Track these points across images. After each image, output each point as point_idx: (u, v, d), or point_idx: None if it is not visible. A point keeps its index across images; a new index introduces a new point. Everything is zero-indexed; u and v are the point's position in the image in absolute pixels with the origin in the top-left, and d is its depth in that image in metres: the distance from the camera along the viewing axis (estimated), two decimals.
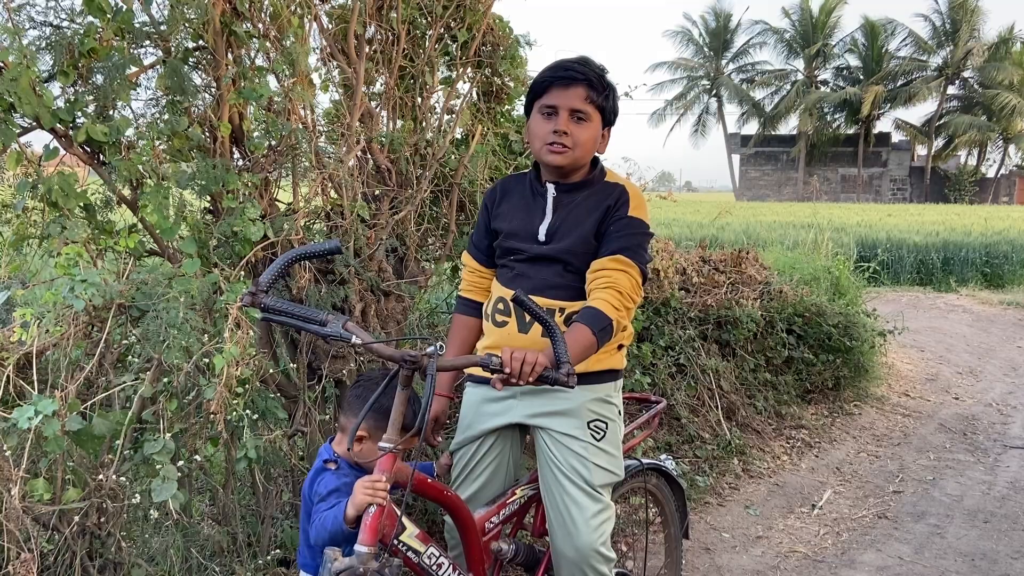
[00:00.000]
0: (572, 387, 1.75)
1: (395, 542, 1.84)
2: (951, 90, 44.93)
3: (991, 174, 46.05)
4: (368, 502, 1.73)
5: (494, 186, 2.34)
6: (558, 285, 2.12)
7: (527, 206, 2.20)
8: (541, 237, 2.14)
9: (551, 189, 2.17)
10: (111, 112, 2.36)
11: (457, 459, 2.31)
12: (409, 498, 1.89)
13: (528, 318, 2.11)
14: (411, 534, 1.90)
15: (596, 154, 2.19)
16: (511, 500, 2.27)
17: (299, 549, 2.07)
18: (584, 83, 2.07)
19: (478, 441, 2.26)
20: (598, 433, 2.16)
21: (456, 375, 2.38)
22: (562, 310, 2.11)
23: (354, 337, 1.72)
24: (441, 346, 1.76)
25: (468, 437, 2.27)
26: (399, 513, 1.82)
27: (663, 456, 2.84)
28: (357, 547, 1.70)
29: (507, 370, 1.73)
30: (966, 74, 44.48)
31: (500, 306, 2.20)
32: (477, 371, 2.24)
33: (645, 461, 2.64)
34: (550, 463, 2.16)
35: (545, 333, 1.78)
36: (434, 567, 1.94)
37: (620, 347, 2.23)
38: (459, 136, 3.52)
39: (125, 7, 2.28)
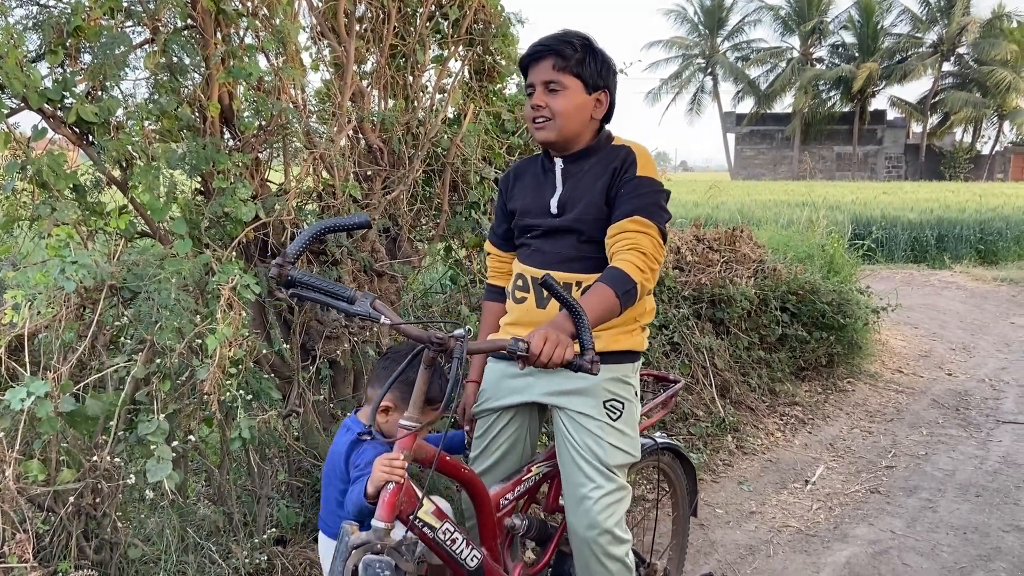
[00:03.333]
0: (596, 374, 1.72)
1: (410, 518, 1.85)
2: (946, 67, 44.76)
3: (986, 151, 46.00)
4: (385, 479, 1.75)
5: (507, 171, 2.36)
6: (573, 258, 2.12)
7: (538, 183, 2.22)
8: (553, 210, 2.15)
9: (559, 162, 2.18)
10: (100, 92, 2.35)
11: (476, 430, 2.33)
12: (432, 479, 1.90)
13: (546, 293, 2.11)
14: (427, 510, 1.91)
15: (601, 122, 2.18)
16: (527, 477, 2.28)
17: (320, 515, 2.10)
18: (551, 54, 2.08)
19: (496, 415, 2.28)
20: (614, 413, 2.15)
21: (484, 362, 2.38)
22: (579, 284, 2.11)
23: (383, 317, 1.71)
24: (469, 329, 1.76)
25: (487, 409, 2.29)
26: (419, 492, 1.84)
27: (657, 434, 2.85)
28: (374, 522, 1.73)
29: (532, 357, 1.70)
30: (961, 50, 44.28)
31: (519, 283, 2.21)
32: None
33: (659, 440, 2.65)
34: (566, 442, 2.17)
35: (571, 320, 1.74)
36: (448, 542, 1.96)
37: (643, 328, 2.23)
38: (451, 115, 3.51)
39: None
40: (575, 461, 2.15)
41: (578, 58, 2.08)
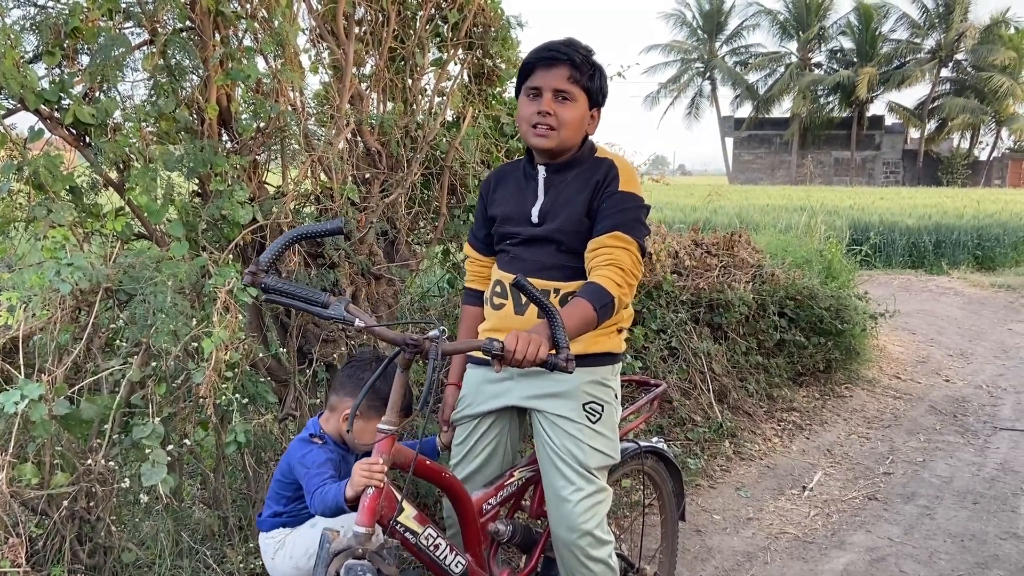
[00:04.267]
0: (571, 372, 1.75)
1: (392, 523, 1.85)
2: (944, 72, 44.82)
3: (984, 157, 46.07)
4: (366, 484, 1.74)
5: (489, 175, 2.35)
6: (552, 266, 2.13)
7: (520, 190, 2.21)
8: (534, 219, 2.15)
9: (541, 171, 2.18)
10: (98, 94, 2.34)
11: (456, 436, 2.32)
12: (410, 482, 1.90)
13: (524, 300, 2.13)
14: (409, 515, 1.90)
15: (587, 135, 2.19)
16: (509, 482, 2.28)
17: (262, 512, 2.11)
18: (567, 63, 2.07)
19: (476, 421, 2.27)
20: (594, 415, 2.16)
21: (463, 364, 2.38)
22: (557, 291, 2.12)
23: (357, 320, 1.71)
24: (443, 330, 1.75)
25: (467, 415, 2.28)
26: (399, 496, 1.83)
27: (655, 439, 2.84)
28: (355, 528, 1.72)
29: (507, 355, 1.72)
30: (959, 56, 44.35)
31: (498, 289, 2.22)
32: (478, 353, 2.25)
33: (643, 444, 2.64)
34: (546, 445, 2.17)
35: (545, 318, 1.77)
36: (431, 547, 1.95)
37: (620, 331, 2.24)
38: (450, 118, 3.50)
39: None
40: (555, 464, 2.15)
41: (589, 73, 2.10)
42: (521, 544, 2.36)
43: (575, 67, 2.07)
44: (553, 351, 1.75)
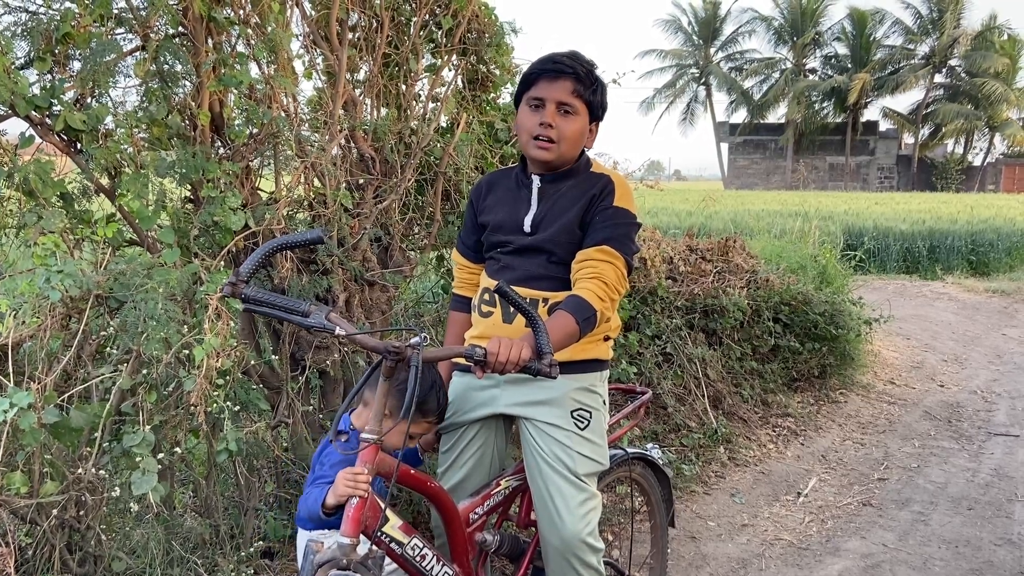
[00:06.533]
0: (554, 378, 1.74)
1: (378, 533, 1.83)
2: (938, 78, 45.04)
3: (977, 162, 46.25)
4: (349, 494, 1.72)
5: (479, 181, 2.34)
6: (542, 276, 2.12)
7: (513, 198, 2.20)
8: (527, 228, 2.14)
9: (536, 180, 2.17)
10: (89, 100, 2.33)
11: (442, 444, 2.30)
12: (393, 490, 1.88)
13: (512, 308, 2.11)
14: (394, 525, 1.88)
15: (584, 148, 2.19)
16: (496, 491, 2.26)
17: (299, 512, 2.07)
18: (572, 76, 2.06)
19: (462, 429, 2.26)
20: (582, 422, 2.15)
21: (449, 371, 2.37)
22: (545, 300, 2.11)
23: (337, 328, 1.70)
24: (425, 337, 1.74)
25: (453, 423, 2.27)
26: (383, 505, 1.81)
27: (649, 445, 2.83)
28: (339, 538, 1.70)
29: (491, 359, 1.72)
30: (953, 62, 44.57)
31: (486, 296, 2.21)
32: (462, 360, 2.24)
33: (630, 450, 2.64)
34: (535, 453, 2.16)
35: (528, 324, 1.77)
36: (417, 558, 1.94)
37: (607, 338, 2.23)
38: (444, 124, 3.49)
39: None
40: (544, 472, 2.14)
41: (592, 87, 2.09)
42: (509, 554, 2.35)
43: (579, 80, 2.07)
44: (536, 356, 1.75)
